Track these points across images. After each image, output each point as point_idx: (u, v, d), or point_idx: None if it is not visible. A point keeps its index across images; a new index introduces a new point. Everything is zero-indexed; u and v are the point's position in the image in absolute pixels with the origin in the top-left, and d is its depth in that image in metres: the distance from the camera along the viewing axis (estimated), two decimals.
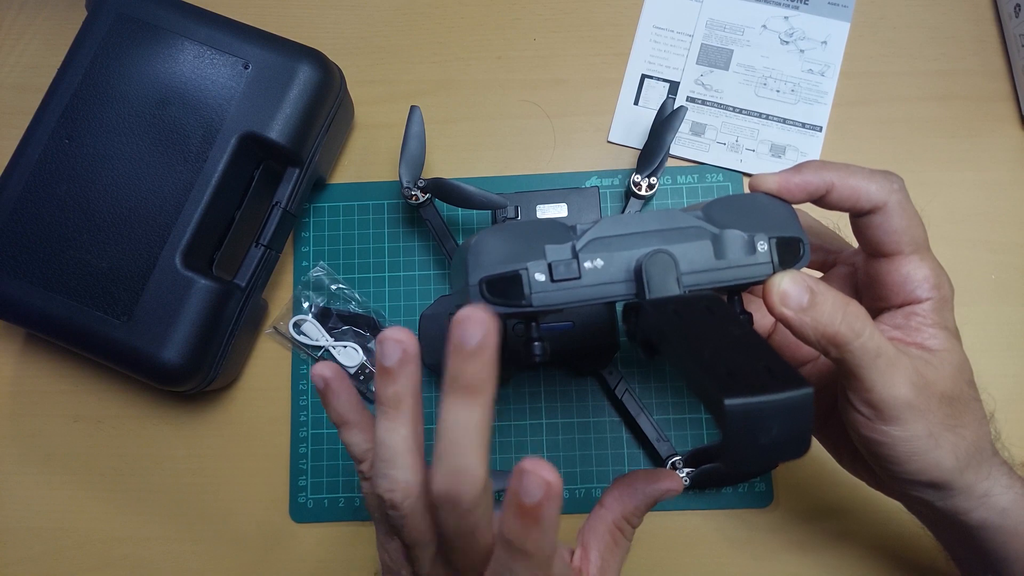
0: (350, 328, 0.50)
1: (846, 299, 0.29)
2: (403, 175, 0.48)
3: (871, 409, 0.29)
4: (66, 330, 0.44)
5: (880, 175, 0.31)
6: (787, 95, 0.52)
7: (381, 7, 0.55)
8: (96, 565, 0.49)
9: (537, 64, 0.54)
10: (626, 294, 0.28)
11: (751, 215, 0.30)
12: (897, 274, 0.31)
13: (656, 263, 0.28)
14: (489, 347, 0.23)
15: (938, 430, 0.30)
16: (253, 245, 0.48)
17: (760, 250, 0.29)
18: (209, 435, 0.50)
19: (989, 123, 0.51)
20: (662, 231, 0.29)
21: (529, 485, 0.23)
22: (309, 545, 0.48)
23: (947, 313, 0.31)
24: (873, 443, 0.30)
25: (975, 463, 0.31)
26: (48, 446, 0.50)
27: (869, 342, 0.28)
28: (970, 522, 0.32)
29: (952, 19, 0.53)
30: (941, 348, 0.31)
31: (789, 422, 0.22)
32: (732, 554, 0.47)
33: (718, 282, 0.29)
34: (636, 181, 0.48)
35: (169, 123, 0.45)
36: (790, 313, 0.28)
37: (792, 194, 0.31)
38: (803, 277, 0.29)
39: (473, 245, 0.29)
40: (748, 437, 0.22)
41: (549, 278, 0.28)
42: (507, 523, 0.25)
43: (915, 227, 0.31)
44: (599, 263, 0.28)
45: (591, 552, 0.32)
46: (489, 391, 0.24)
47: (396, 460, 0.26)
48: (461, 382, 0.24)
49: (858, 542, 0.46)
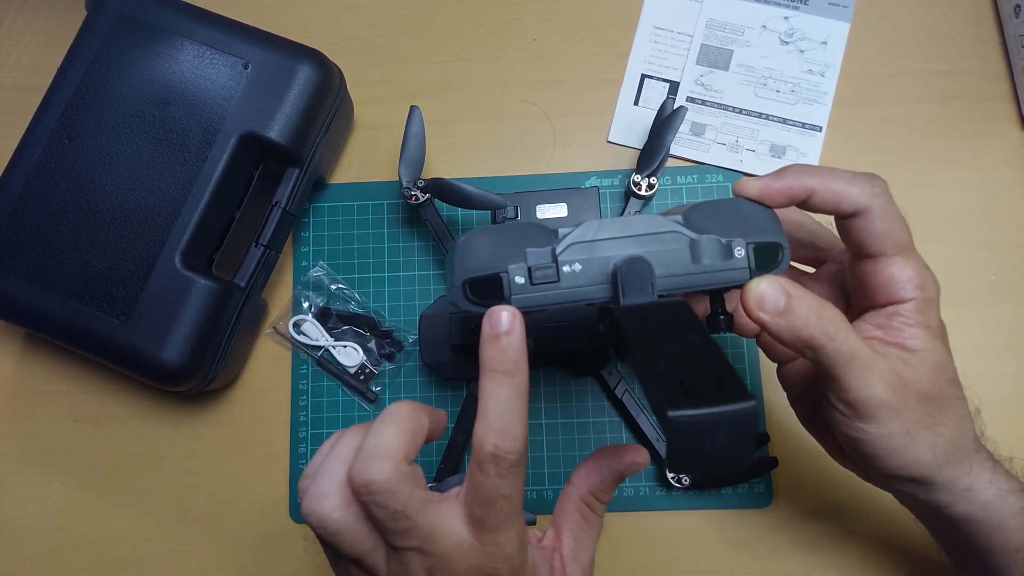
0: (350, 328, 0.50)
1: (821, 303, 0.29)
2: (403, 175, 0.48)
3: (848, 408, 0.30)
4: (66, 330, 0.44)
5: (862, 178, 0.31)
6: (787, 95, 0.52)
7: (381, 7, 0.55)
8: (96, 565, 0.49)
9: (537, 64, 0.54)
10: (603, 297, 0.29)
11: (731, 220, 0.31)
12: (881, 275, 0.32)
13: (631, 268, 0.29)
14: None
15: (915, 428, 0.31)
16: (253, 245, 0.48)
17: (737, 255, 0.30)
18: (209, 435, 0.50)
19: (989, 123, 0.51)
20: (640, 236, 0.30)
21: (495, 315, 0.28)
22: (309, 545, 0.48)
23: (931, 313, 0.32)
24: (852, 440, 0.31)
25: (955, 459, 0.32)
26: (48, 446, 0.50)
27: (843, 345, 0.29)
28: (954, 515, 0.33)
29: (952, 19, 0.53)
30: (921, 348, 0.31)
31: (733, 433, 0.23)
32: (732, 554, 0.47)
33: (694, 286, 0.30)
34: (636, 181, 0.48)
35: (169, 123, 0.45)
36: (766, 317, 0.29)
37: (773, 199, 0.32)
38: (779, 282, 0.29)
39: (458, 247, 0.30)
40: (692, 446, 0.23)
41: (528, 280, 0.29)
42: (485, 351, 0.28)
43: (898, 229, 0.31)
44: (577, 267, 0.29)
45: (563, 532, 0.33)
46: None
47: (517, 417, 0.28)
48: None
49: (858, 542, 0.46)
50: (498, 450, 0.27)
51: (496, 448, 0.27)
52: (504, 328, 0.27)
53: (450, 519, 0.29)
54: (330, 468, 0.30)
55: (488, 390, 0.28)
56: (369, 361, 0.50)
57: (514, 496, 0.28)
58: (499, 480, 0.28)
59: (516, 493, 0.29)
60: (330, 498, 0.29)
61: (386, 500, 0.28)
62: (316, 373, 0.50)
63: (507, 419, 0.27)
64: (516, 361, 0.28)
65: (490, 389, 0.28)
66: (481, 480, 0.28)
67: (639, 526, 0.47)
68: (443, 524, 0.29)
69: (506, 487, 0.28)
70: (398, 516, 0.28)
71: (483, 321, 0.28)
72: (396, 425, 0.30)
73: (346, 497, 0.29)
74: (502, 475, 0.28)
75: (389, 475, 0.28)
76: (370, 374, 0.50)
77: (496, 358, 0.28)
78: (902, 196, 0.50)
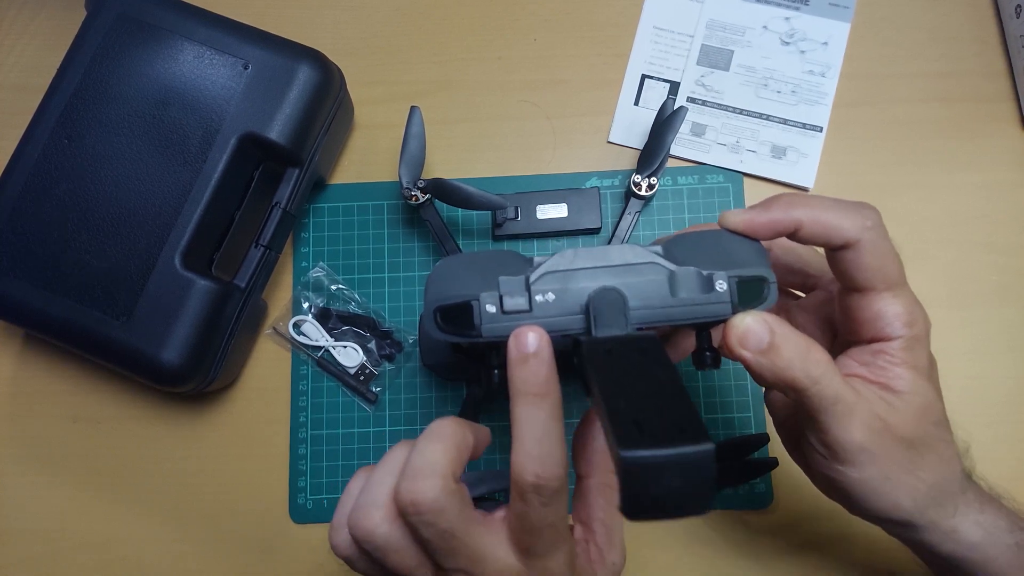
0: (350, 328, 0.50)
1: (808, 344, 0.28)
2: (403, 175, 0.48)
3: (827, 449, 0.30)
4: (66, 330, 0.44)
5: (853, 210, 0.30)
6: (788, 96, 0.52)
7: (381, 7, 0.55)
8: (95, 565, 0.49)
9: (537, 64, 0.54)
10: (576, 328, 0.29)
11: (714, 252, 0.30)
12: (868, 310, 0.31)
13: (604, 299, 0.28)
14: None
15: (895, 473, 0.30)
16: (253, 246, 0.48)
17: (719, 288, 0.28)
18: (209, 436, 0.50)
19: (990, 124, 0.51)
20: (618, 267, 0.29)
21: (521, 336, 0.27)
22: (309, 545, 0.48)
23: (919, 351, 0.31)
24: (831, 480, 0.31)
25: (937, 503, 0.31)
26: (47, 446, 0.50)
27: (827, 389, 0.28)
28: (940, 553, 0.32)
29: (952, 20, 0.53)
30: (906, 390, 0.30)
31: (688, 477, 0.22)
32: (732, 554, 0.47)
33: (671, 319, 0.29)
34: (636, 182, 0.48)
35: (169, 123, 0.45)
36: (748, 355, 0.28)
37: (759, 233, 0.31)
38: (764, 319, 0.28)
39: (433, 273, 0.30)
40: (643, 488, 0.22)
41: (500, 309, 0.28)
42: (514, 374, 0.27)
43: (889, 264, 0.30)
44: (551, 296, 0.28)
45: (593, 523, 0.32)
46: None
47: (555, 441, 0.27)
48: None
49: (858, 542, 0.46)
50: (539, 479, 0.26)
51: (537, 477, 0.26)
52: (532, 349, 0.26)
53: (497, 544, 0.28)
54: (379, 481, 0.29)
55: (522, 416, 0.27)
56: (369, 362, 0.50)
57: (559, 522, 0.28)
58: (544, 510, 0.27)
59: (561, 519, 0.28)
60: (378, 509, 0.28)
61: (434, 519, 0.27)
62: (316, 374, 0.50)
63: (545, 444, 0.26)
64: (548, 382, 0.27)
65: (524, 414, 0.27)
66: (525, 511, 0.27)
67: (639, 526, 0.47)
68: (492, 549, 0.28)
69: (551, 515, 0.27)
70: (446, 536, 0.27)
71: (509, 343, 0.27)
72: (442, 442, 0.29)
73: (394, 511, 0.28)
74: (546, 504, 0.27)
75: (437, 493, 0.27)
76: (370, 375, 0.50)
77: (528, 380, 0.26)
78: (903, 197, 0.50)
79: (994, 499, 0.33)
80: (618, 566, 0.32)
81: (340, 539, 0.30)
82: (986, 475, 0.35)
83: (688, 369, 0.49)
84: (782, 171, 0.51)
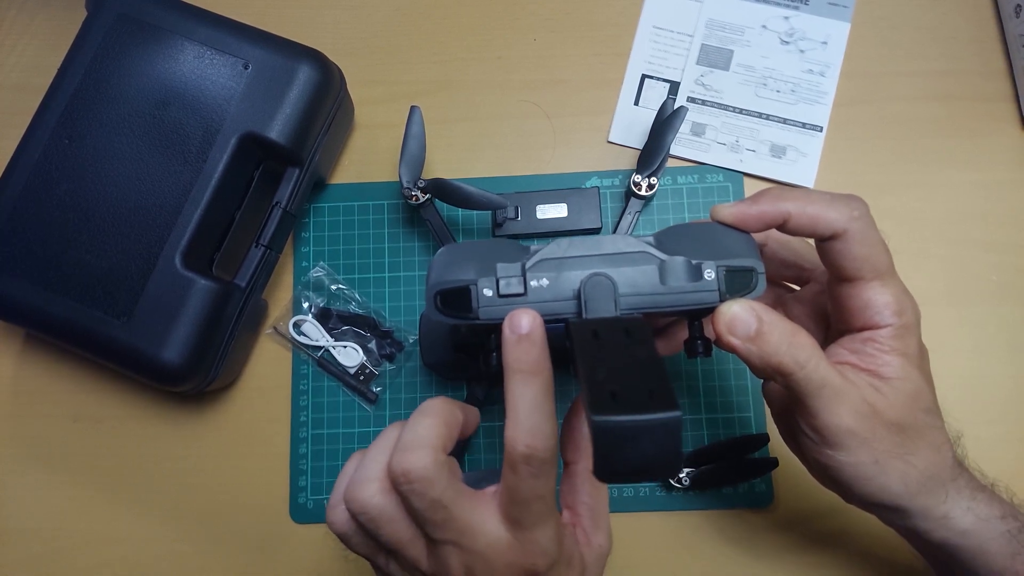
0: (350, 328, 0.50)
1: (794, 329, 0.29)
2: (403, 175, 0.48)
3: (817, 434, 0.31)
4: (66, 330, 0.44)
5: (841, 201, 0.31)
6: (787, 95, 0.52)
7: (381, 7, 0.55)
8: (96, 565, 0.49)
9: (537, 64, 0.54)
10: (568, 313, 0.30)
11: (705, 243, 0.31)
12: (858, 299, 0.31)
13: (594, 285, 0.29)
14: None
15: (884, 458, 0.31)
16: (253, 245, 0.48)
17: (707, 277, 0.30)
18: (209, 435, 0.50)
19: (989, 123, 0.51)
20: (610, 255, 0.30)
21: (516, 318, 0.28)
22: (309, 545, 0.48)
23: (909, 339, 0.31)
24: (822, 465, 0.32)
25: (928, 488, 0.31)
26: (48, 446, 0.50)
27: (813, 373, 0.29)
28: (933, 540, 0.33)
29: (952, 19, 0.53)
30: (895, 376, 0.31)
31: (657, 442, 0.23)
32: (732, 554, 0.47)
33: (660, 306, 0.30)
34: (636, 181, 0.48)
35: (169, 123, 0.45)
36: (736, 342, 0.29)
37: (749, 225, 0.32)
38: (751, 306, 0.29)
39: (435, 259, 0.32)
40: (615, 452, 0.23)
41: (496, 293, 0.30)
42: (508, 353, 0.28)
43: (877, 253, 0.31)
44: (545, 282, 0.30)
45: (578, 507, 0.33)
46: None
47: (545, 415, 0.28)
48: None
49: (858, 542, 0.46)
50: (530, 449, 0.27)
51: (528, 447, 0.27)
52: (526, 330, 0.28)
53: (487, 517, 0.29)
54: (373, 458, 0.31)
55: (515, 391, 0.28)
56: (369, 361, 0.50)
57: (548, 495, 0.29)
58: (533, 481, 0.28)
59: (550, 492, 0.29)
60: (372, 483, 0.30)
61: (424, 488, 0.28)
62: (316, 373, 0.50)
63: (536, 417, 0.28)
64: (540, 360, 0.28)
65: (517, 390, 0.28)
66: (516, 482, 0.28)
67: (639, 526, 0.47)
68: (481, 521, 0.29)
69: (540, 487, 0.28)
70: (435, 505, 0.28)
71: (504, 325, 0.28)
72: (432, 418, 0.30)
73: (387, 484, 0.30)
74: (535, 475, 0.28)
75: (427, 463, 0.28)
76: (370, 374, 0.50)
77: (521, 359, 0.28)
78: (902, 196, 0.50)
79: (986, 487, 0.34)
80: (604, 548, 0.33)
81: (337, 515, 0.31)
82: (985, 472, 0.35)
83: (689, 369, 0.49)
84: (782, 170, 0.51)
